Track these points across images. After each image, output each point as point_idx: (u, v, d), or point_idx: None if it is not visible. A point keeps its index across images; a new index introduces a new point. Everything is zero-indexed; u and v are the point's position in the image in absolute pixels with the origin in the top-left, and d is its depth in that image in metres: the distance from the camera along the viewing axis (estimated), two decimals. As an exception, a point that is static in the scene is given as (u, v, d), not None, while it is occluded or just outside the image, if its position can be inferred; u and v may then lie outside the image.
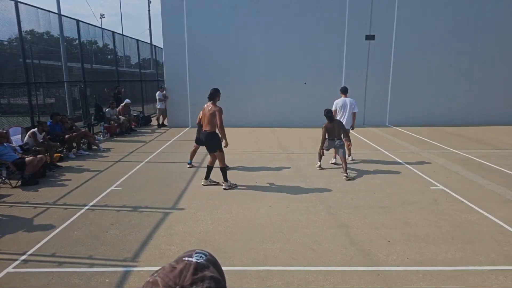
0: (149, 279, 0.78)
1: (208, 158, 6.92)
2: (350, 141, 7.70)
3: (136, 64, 20.11)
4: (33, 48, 11.44)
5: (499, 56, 14.43)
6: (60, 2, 13.78)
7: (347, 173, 7.24)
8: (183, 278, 0.75)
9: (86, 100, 12.32)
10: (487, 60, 14.44)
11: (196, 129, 7.66)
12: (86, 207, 5.75)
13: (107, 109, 12.59)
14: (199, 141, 7.59)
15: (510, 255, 4.19)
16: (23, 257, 4.18)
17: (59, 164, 8.44)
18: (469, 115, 14.60)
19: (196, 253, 0.83)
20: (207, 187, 6.73)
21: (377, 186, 6.75)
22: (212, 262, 0.83)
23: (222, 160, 6.67)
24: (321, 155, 7.82)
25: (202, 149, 7.55)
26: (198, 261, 0.80)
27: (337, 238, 4.67)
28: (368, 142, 11.14)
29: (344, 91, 8.45)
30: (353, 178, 7.21)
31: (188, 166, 8.15)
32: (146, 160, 8.87)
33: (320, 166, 7.95)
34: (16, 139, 8.19)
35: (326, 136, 7.55)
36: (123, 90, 15.05)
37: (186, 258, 0.80)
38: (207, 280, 0.76)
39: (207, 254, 0.84)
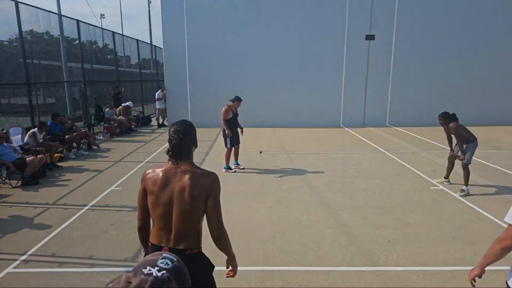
0: None
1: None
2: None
3: (136, 64, 20.10)
4: (33, 48, 11.41)
5: (499, 56, 14.41)
6: (61, 2, 13.76)
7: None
8: None
9: (86, 100, 12.32)
10: (488, 59, 14.42)
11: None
12: (86, 207, 5.75)
13: (106, 109, 12.60)
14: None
15: (510, 255, 4.18)
16: (23, 257, 4.18)
17: (59, 164, 8.44)
18: (469, 115, 14.52)
19: (162, 258, 0.74)
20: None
21: (377, 186, 6.75)
22: (177, 273, 0.73)
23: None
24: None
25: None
26: (158, 275, 0.70)
27: (337, 238, 4.67)
28: (368, 142, 11.13)
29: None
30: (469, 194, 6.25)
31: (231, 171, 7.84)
32: (146, 160, 8.87)
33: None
34: (16, 139, 8.19)
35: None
36: (122, 90, 15.05)
37: (147, 269, 0.71)
38: None
39: (175, 260, 0.75)
